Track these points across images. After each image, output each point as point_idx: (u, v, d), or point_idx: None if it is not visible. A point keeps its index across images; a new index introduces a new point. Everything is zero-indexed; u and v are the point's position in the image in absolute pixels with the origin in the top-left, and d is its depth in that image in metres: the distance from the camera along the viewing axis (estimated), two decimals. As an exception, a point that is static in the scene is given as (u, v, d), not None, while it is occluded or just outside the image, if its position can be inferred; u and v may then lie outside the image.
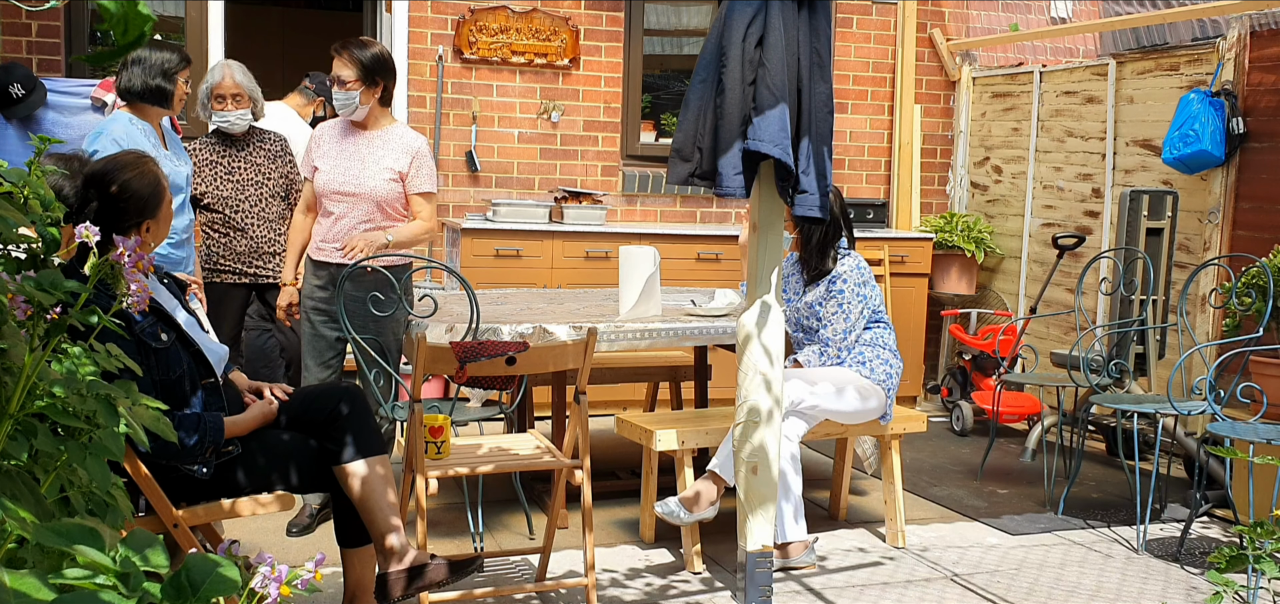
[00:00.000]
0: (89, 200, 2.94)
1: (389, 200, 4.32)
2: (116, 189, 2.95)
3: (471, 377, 3.48)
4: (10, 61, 5.63)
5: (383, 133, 4.38)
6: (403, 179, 4.33)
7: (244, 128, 4.86)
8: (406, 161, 4.34)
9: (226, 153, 4.89)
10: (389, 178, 4.31)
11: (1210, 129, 5.43)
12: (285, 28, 10.29)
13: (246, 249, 4.87)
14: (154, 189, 3.02)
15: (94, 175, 2.96)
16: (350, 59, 4.25)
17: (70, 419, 1.50)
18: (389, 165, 4.31)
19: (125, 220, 2.97)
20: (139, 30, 1.27)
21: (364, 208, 4.31)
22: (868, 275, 4.37)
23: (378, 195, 4.30)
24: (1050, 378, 5.51)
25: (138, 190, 2.99)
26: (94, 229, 1.63)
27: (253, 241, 4.87)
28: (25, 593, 1.07)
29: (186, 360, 3.02)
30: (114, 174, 2.97)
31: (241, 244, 4.87)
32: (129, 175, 2.98)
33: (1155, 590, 4.02)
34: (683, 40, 7.60)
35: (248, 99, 4.83)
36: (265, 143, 4.96)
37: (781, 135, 3.14)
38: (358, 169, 4.32)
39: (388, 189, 4.31)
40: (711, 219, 7.23)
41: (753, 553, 3.48)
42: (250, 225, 4.86)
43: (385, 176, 4.31)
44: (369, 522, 3.17)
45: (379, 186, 4.29)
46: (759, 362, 3.40)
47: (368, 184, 4.30)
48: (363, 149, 4.36)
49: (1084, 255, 6.38)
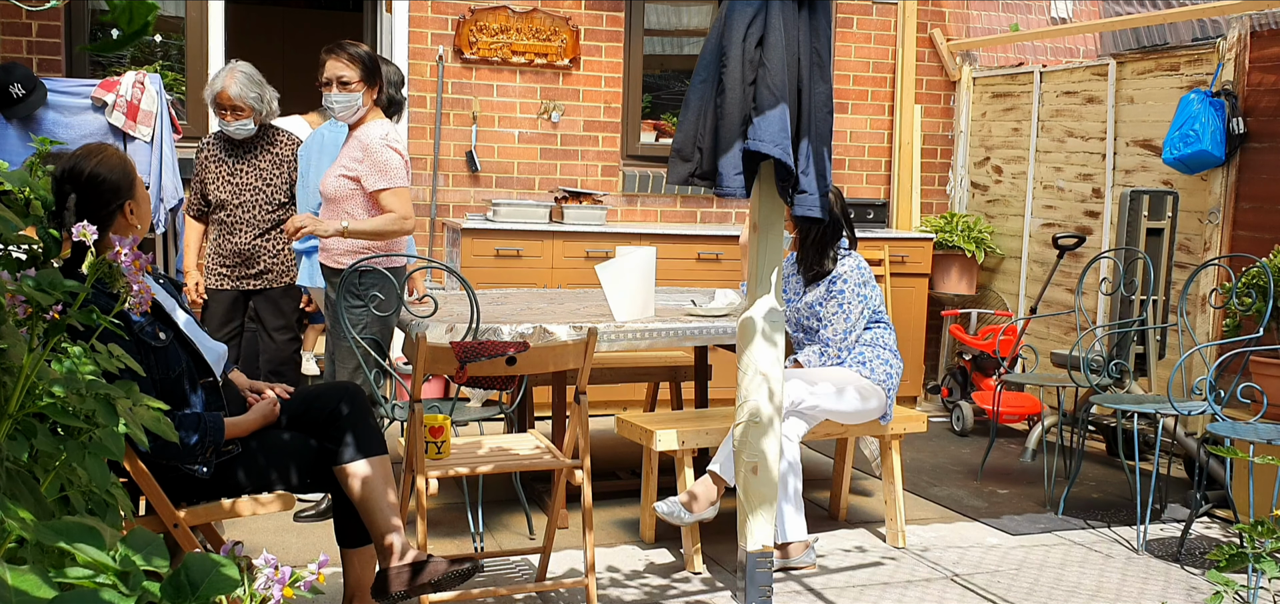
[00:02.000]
0: (66, 195, 2.98)
1: (340, 198, 4.17)
2: (88, 177, 2.99)
3: (471, 377, 3.47)
4: (10, 61, 5.63)
5: (359, 133, 4.22)
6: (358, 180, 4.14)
7: (245, 136, 4.80)
8: (357, 161, 4.16)
9: (232, 154, 4.84)
10: (339, 174, 4.18)
11: (1210, 129, 5.43)
12: (285, 27, 10.29)
13: (232, 253, 4.84)
14: (123, 170, 3.06)
15: (65, 172, 3.00)
16: (351, 59, 4.14)
17: (70, 419, 1.50)
18: (342, 164, 4.19)
19: (106, 206, 3.01)
20: (143, 21, 1.27)
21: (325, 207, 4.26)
22: (868, 275, 4.37)
23: (328, 193, 4.20)
24: (1050, 378, 5.51)
25: (108, 174, 3.02)
26: (92, 228, 1.63)
27: (238, 247, 4.83)
28: (26, 591, 1.08)
29: (185, 359, 3.03)
30: (82, 164, 3.01)
31: (228, 247, 4.85)
32: (96, 161, 3.03)
33: (1155, 590, 4.02)
34: (683, 40, 7.60)
35: (248, 110, 4.72)
36: (275, 145, 4.85)
37: (781, 135, 3.14)
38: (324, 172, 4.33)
39: (336, 186, 4.17)
40: (711, 219, 7.23)
41: (753, 553, 3.48)
42: (241, 231, 4.82)
43: (336, 173, 4.19)
44: (369, 521, 3.17)
45: (330, 184, 4.19)
46: (759, 362, 3.40)
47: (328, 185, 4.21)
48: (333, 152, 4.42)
49: (1084, 255, 6.38)
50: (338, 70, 4.13)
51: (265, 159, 4.83)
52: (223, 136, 4.86)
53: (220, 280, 4.88)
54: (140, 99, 5.40)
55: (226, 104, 4.71)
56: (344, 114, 4.18)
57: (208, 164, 4.87)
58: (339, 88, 4.13)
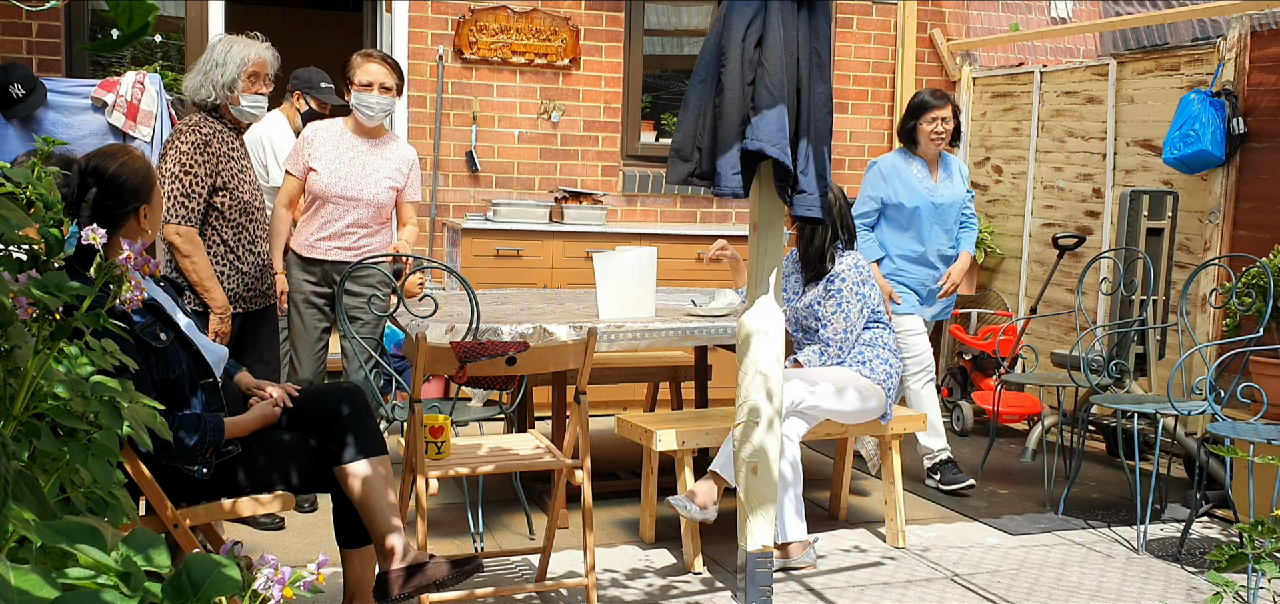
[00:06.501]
0: (88, 188, 3.01)
1: (385, 207, 4.62)
2: (110, 177, 3.02)
3: (472, 377, 3.48)
4: (10, 61, 5.63)
5: (383, 142, 4.63)
6: (398, 192, 4.62)
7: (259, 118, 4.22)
8: (404, 175, 4.63)
9: (238, 146, 4.09)
10: (388, 186, 4.58)
11: (1210, 129, 5.44)
12: (285, 27, 10.29)
13: (252, 269, 4.07)
14: (145, 176, 3.10)
15: (89, 168, 3.04)
16: (393, 67, 4.52)
17: (73, 421, 1.50)
18: (389, 175, 4.58)
19: (123, 207, 3.04)
20: (143, 20, 1.28)
21: (361, 212, 4.55)
22: (867, 274, 4.37)
23: (378, 202, 4.57)
24: (1050, 378, 5.51)
25: (130, 178, 3.06)
26: (101, 232, 1.64)
27: (259, 260, 4.11)
28: (28, 591, 1.08)
29: (186, 360, 3.04)
30: (107, 163, 3.06)
31: (249, 263, 4.05)
32: (120, 163, 3.07)
33: (1155, 590, 4.02)
34: (683, 40, 7.60)
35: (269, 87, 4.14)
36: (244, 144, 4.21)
37: (780, 135, 3.14)
38: (360, 176, 4.53)
39: (386, 197, 4.59)
40: (711, 219, 7.23)
41: (753, 553, 3.48)
42: (259, 239, 4.12)
43: (385, 185, 4.57)
44: (369, 522, 3.18)
45: (380, 195, 4.57)
46: (759, 362, 3.40)
47: (369, 192, 4.54)
48: (364, 156, 4.53)
49: (1084, 255, 6.38)
50: (382, 76, 4.48)
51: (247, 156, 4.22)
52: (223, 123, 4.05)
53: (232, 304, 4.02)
54: (140, 99, 5.40)
55: (263, 73, 4.07)
56: (380, 117, 4.53)
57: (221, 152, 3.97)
58: (381, 91, 4.47)
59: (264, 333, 4.21)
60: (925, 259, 5.26)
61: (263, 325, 4.20)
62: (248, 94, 4.03)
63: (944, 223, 5.26)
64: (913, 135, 5.24)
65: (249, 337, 4.15)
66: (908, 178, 5.21)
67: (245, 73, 4.00)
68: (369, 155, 4.55)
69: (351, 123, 4.61)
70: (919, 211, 5.19)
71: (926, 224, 5.20)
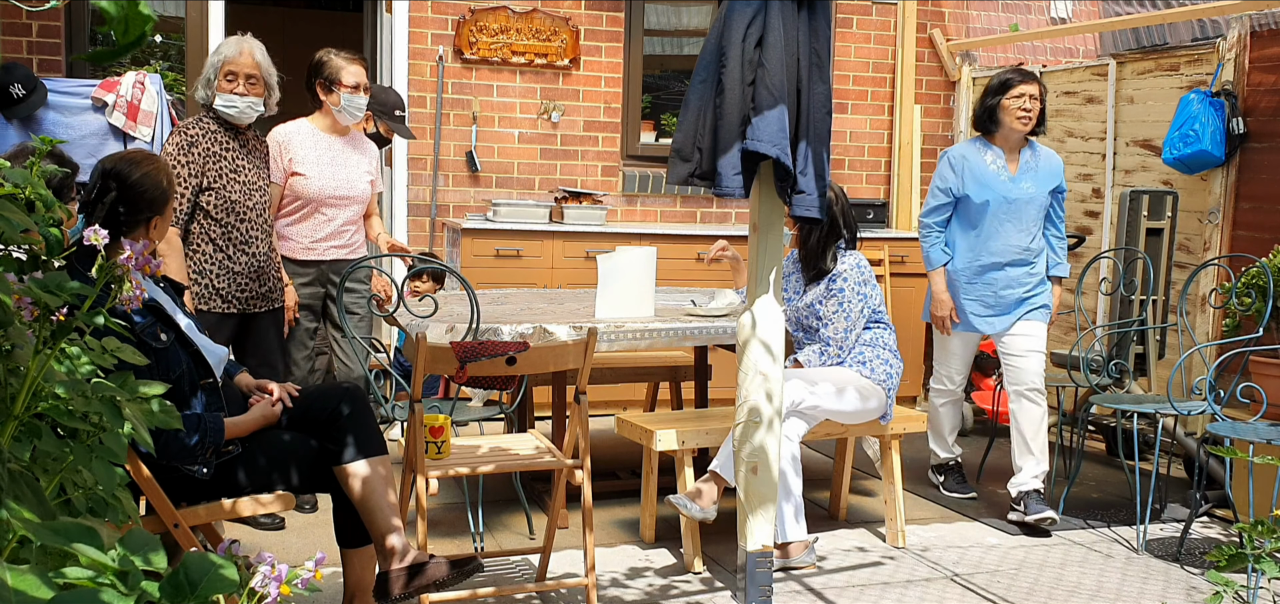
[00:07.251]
0: (108, 190, 3.06)
1: (369, 200, 4.67)
2: (132, 183, 3.08)
3: (472, 377, 3.48)
4: (10, 61, 5.63)
5: (354, 137, 4.69)
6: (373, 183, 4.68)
7: (252, 120, 4.18)
8: (376, 167, 4.72)
9: (232, 145, 4.14)
10: (369, 179, 4.66)
11: (1210, 129, 5.44)
12: (285, 27, 10.29)
13: (245, 269, 4.13)
14: (164, 188, 3.17)
15: (111, 170, 3.09)
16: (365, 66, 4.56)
17: (74, 421, 1.50)
18: (367, 170, 4.65)
19: (138, 214, 3.10)
20: (139, 30, 1.29)
21: (353, 209, 4.62)
22: (868, 274, 4.37)
23: (365, 197, 4.64)
24: (1050, 378, 5.51)
25: (150, 188, 3.12)
26: (103, 233, 1.64)
27: (254, 260, 4.14)
28: (25, 591, 1.08)
29: (186, 361, 3.04)
30: (130, 169, 3.11)
31: (242, 262, 4.12)
32: (144, 171, 3.12)
33: (1155, 590, 4.03)
34: (683, 40, 7.60)
35: (263, 87, 4.15)
36: (262, 144, 4.34)
37: (780, 136, 3.14)
38: (345, 174, 4.59)
39: (369, 191, 4.65)
40: (711, 219, 7.23)
41: (753, 553, 3.49)
42: (254, 239, 4.14)
43: (367, 179, 4.64)
44: (369, 522, 3.18)
45: (366, 190, 4.66)
46: (759, 362, 3.40)
47: (358, 188, 4.61)
48: (344, 155, 4.66)
49: (1084, 255, 6.38)
50: (364, 75, 4.54)
51: (258, 155, 4.27)
52: (217, 123, 4.12)
53: (225, 304, 4.10)
54: (140, 99, 5.41)
55: (244, 72, 4.08)
56: (359, 117, 4.59)
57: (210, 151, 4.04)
58: (365, 92, 4.54)
59: (267, 336, 4.24)
60: (996, 263, 4.75)
61: (264, 328, 4.24)
62: (223, 93, 4.08)
63: (1019, 220, 4.71)
64: (993, 116, 4.76)
65: (251, 339, 4.21)
66: (979, 168, 4.75)
67: (221, 73, 4.09)
68: (347, 153, 4.60)
69: (324, 122, 4.54)
70: (988, 207, 4.70)
71: (996, 221, 4.70)
